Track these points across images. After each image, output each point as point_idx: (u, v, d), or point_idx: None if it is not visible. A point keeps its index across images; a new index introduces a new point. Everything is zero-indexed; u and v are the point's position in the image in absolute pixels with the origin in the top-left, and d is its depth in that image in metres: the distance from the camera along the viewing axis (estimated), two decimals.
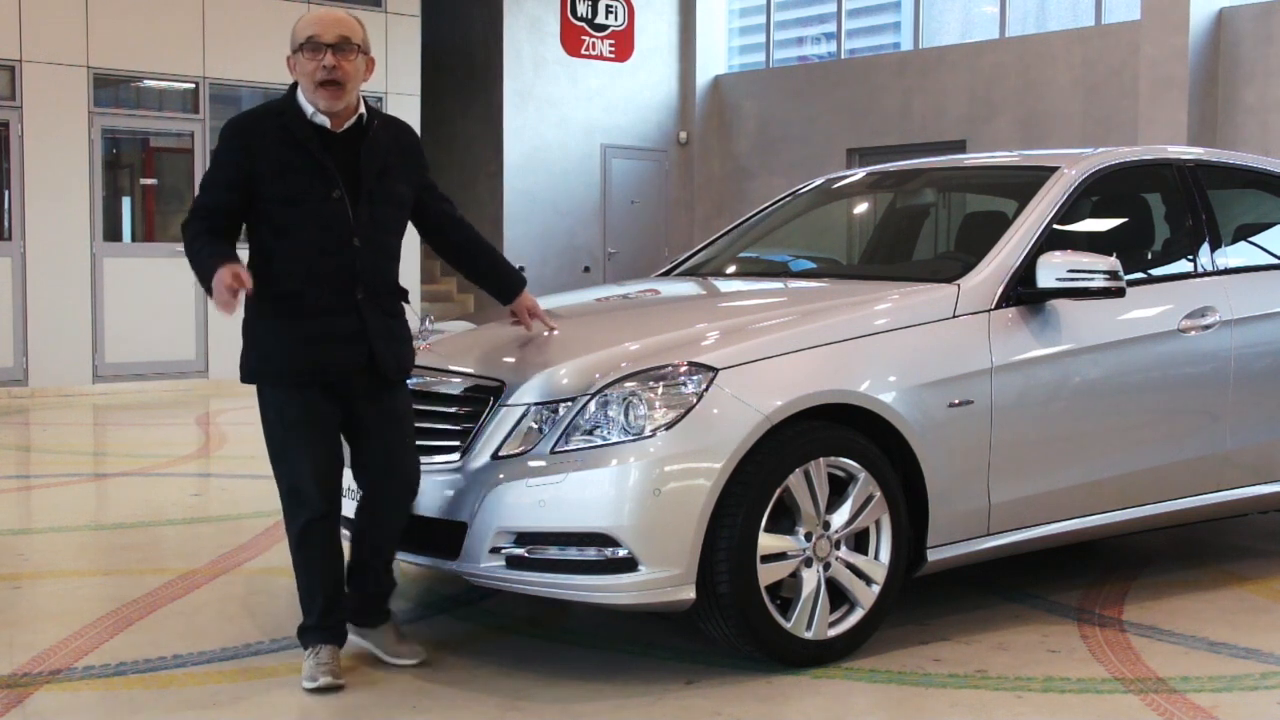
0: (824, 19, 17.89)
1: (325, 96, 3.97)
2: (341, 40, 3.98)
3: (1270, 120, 13.05)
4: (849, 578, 4.26)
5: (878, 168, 6.37)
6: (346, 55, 3.98)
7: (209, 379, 13.53)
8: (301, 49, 4.00)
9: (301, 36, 4.00)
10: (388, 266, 4.13)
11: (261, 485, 7.66)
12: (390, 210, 4.11)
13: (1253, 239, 5.89)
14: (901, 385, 4.37)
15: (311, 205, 3.98)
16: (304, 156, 3.98)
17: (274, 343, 4.03)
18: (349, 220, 3.99)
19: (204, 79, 13.60)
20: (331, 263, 3.99)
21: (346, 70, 3.97)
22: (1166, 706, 3.92)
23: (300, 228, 3.99)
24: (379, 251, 4.07)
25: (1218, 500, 5.32)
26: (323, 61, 3.94)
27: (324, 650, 4.08)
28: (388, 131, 4.15)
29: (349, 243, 3.99)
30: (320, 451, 4.05)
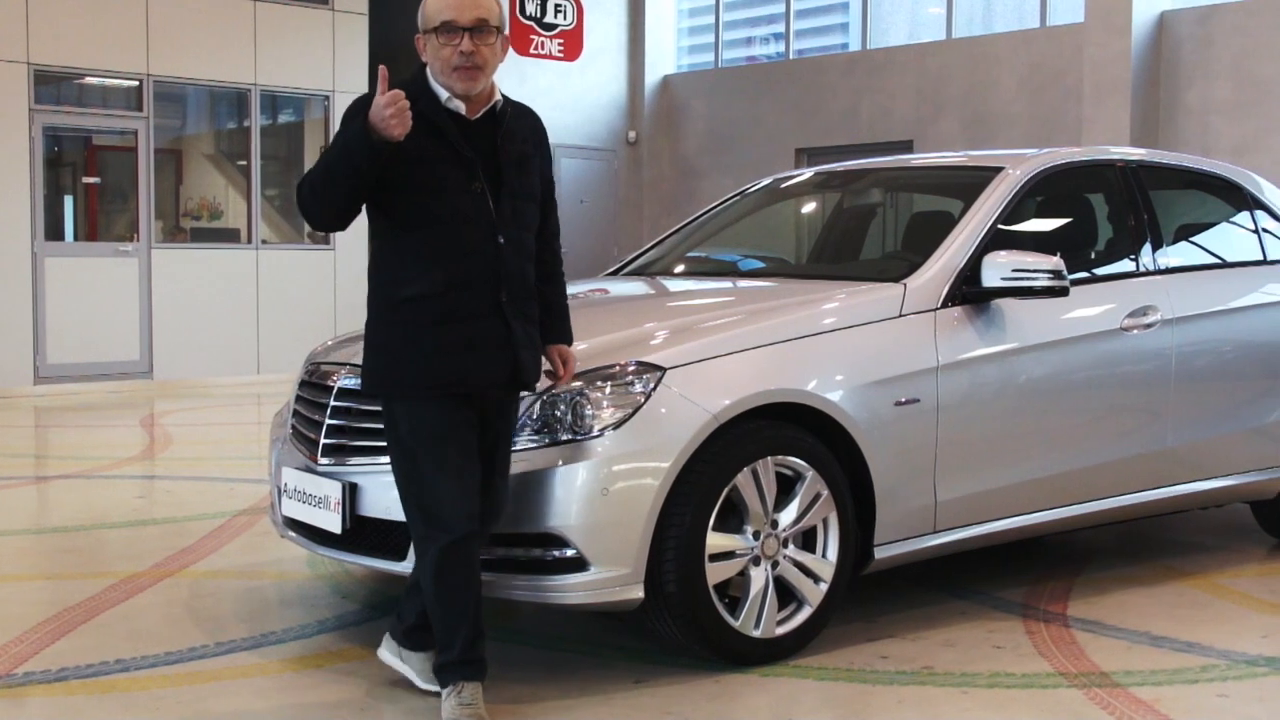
0: (773, 19, 17.94)
1: (462, 80, 3.64)
2: (479, 23, 3.62)
3: (1210, 122, 13.21)
4: (797, 576, 4.28)
5: (825, 167, 6.40)
6: (484, 38, 3.63)
7: (153, 380, 13.42)
8: (435, 32, 3.64)
9: (436, 19, 3.64)
10: (528, 267, 3.80)
11: (207, 487, 7.61)
12: (529, 205, 3.80)
13: (1193, 239, 5.96)
14: (848, 384, 4.39)
15: (450, 198, 3.65)
16: (441, 144, 3.65)
17: (408, 351, 3.66)
18: (491, 215, 3.67)
19: (148, 76, 13.48)
20: (475, 262, 3.65)
21: (485, 55, 3.63)
22: (1109, 700, 3.96)
23: (438, 223, 3.64)
24: (521, 250, 3.76)
25: (1160, 496, 5.38)
26: (460, 46, 3.61)
27: (467, 689, 3.71)
28: (522, 121, 3.84)
29: (493, 240, 3.67)
30: (461, 470, 3.67)
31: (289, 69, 14.42)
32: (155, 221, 13.69)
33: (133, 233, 13.58)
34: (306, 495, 4.40)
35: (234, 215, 14.76)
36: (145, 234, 13.51)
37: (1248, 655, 4.42)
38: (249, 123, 14.36)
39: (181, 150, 15.18)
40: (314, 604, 5.05)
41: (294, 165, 15.62)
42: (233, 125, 15.19)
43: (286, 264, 14.56)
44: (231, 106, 14.93)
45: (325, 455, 4.35)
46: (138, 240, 13.50)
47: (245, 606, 5.04)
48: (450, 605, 3.71)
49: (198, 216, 14.79)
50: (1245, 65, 13.00)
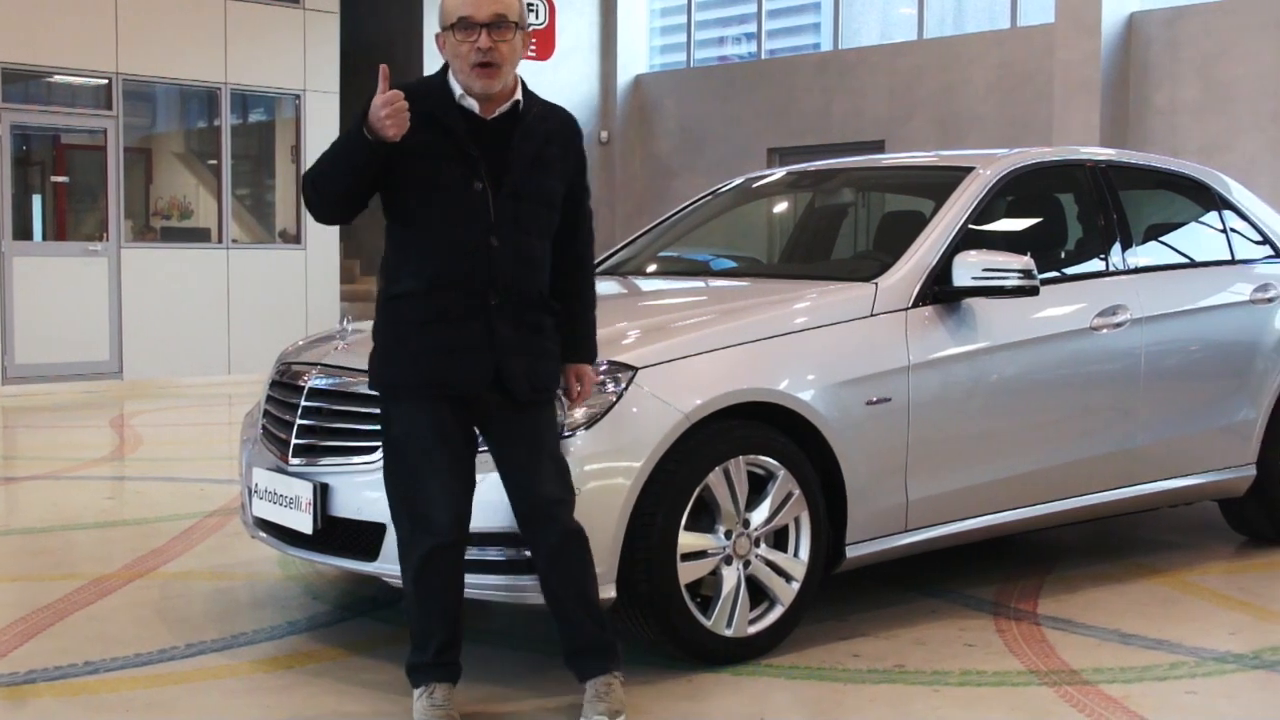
0: (744, 19, 17.96)
1: (480, 79, 3.58)
2: (497, 18, 3.56)
3: (1178, 122, 13.29)
4: (769, 575, 4.28)
5: (797, 167, 6.42)
6: (503, 34, 3.57)
7: (123, 380, 13.34)
8: (453, 28, 3.59)
9: (453, 15, 3.58)
10: (528, 272, 3.65)
11: (177, 488, 7.58)
12: (537, 209, 3.66)
13: (1162, 238, 6.00)
14: (820, 383, 4.39)
15: (449, 196, 3.59)
16: (448, 141, 3.60)
17: (396, 350, 3.64)
18: (489, 217, 3.59)
19: (118, 75, 13.40)
20: (464, 263, 3.58)
21: (503, 52, 3.57)
22: (1079, 698, 3.98)
23: (434, 221, 3.60)
24: (519, 254, 3.62)
25: (1130, 495, 5.41)
26: (477, 43, 3.55)
27: (438, 690, 3.70)
28: (547, 121, 3.71)
29: (486, 242, 3.59)
30: (450, 472, 3.63)
31: (260, 68, 14.36)
32: (125, 221, 13.62)
33: (102, 232, 13.51)
34: (277, 496, 4.38)
35: (204, 215, 14.69)
36: (115, 233, 13.44)
37: (1216, 652, 4.45)
38: (219, 122, 14.30)
39: (151, 149, 15.10)
40: (285, 605, 5.03)
41: (265, 165, 15.56)
42: (203, 124, 15.12)
43: (257, 264, 14.50)
44: (202, 105, 14.87)
45: (296, 456, 4.34)
46: (107, 239, 13.43)
47: (216, 608, 5.02)
48: (427, 608, 3.70)
49: (168, 216, 14.72)
50: (1213, 66, 13.08)
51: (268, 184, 15.56)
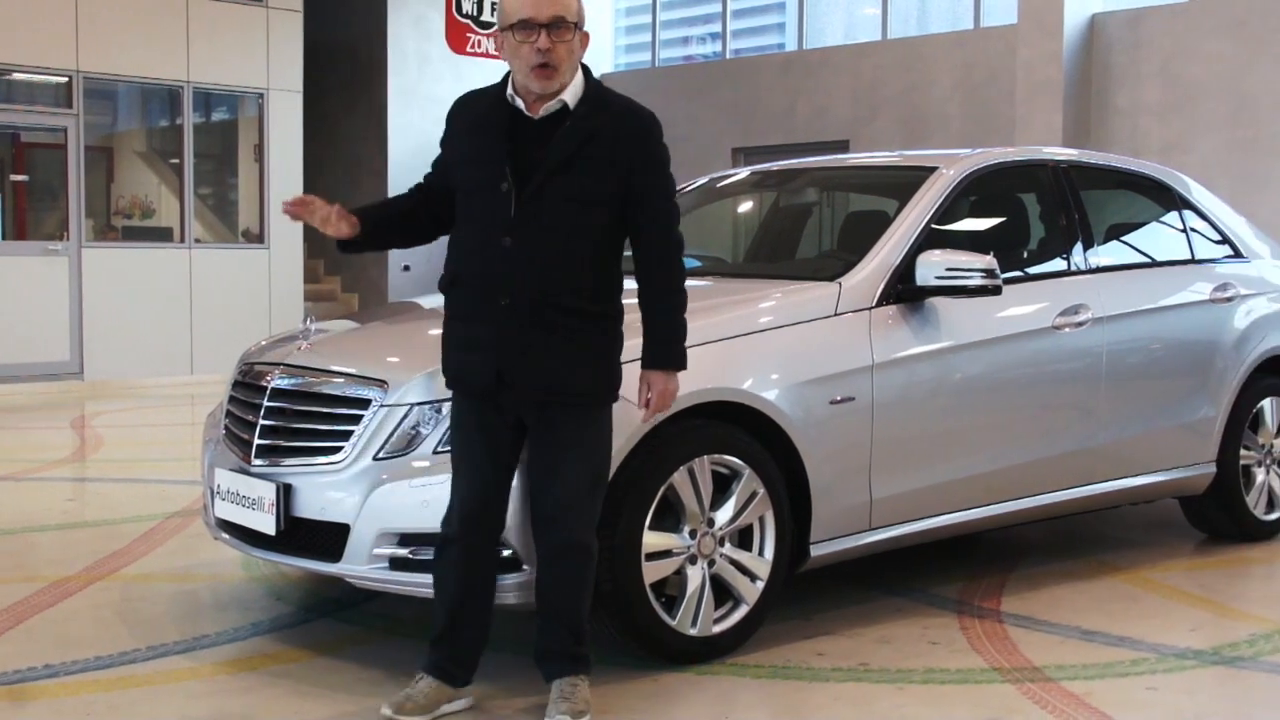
0: (709, 19, 17.98)
1: (538, 79, 3.59)
2: (556, 19, 3.57)
3: (1140, 123, 13.37)
4: (733, 574, 4.29)
5: (762, 167, 6.43)
6: (562, 35, 3.58)
7: (84, 381, 13.24)
8: (513, 29, 3.60)
9: (513, 16, 3.59)
10: (549, 273, 3.60)
11: (139, 489, 7.53)
12: (566, 208, 3.61)
13: (1123, 238, 6.04)
14: (784, 383, 4.40)
15: (481, 197, 3.67)
16: (490, 142, 3.68)
17: (442, 344, 3.81)
18: (509, 216, 3.61)
19: (78, 73, 13.30)
20: (478, 263, 3.66)
21: (561, 53, 3.58)
22: (1041, 694, 4.00)
23: (467, 221, 3.73)
24: (536, 255, 3.60)
25: (1091, 492, 5.45)
26: (537, 44, 3.56)
27: (422, 681, 3.79)
28: (598, 118, 3.66)
29: (499, 242, 3.61)
30: (471, 467, 3.71)
31: (223, 66, 14.28)
32: (86, 220, 13.51)
33: (62, 231, 13.40)
34: (240, 497, 4.36)
35: (167, 214, 14.60)
36: (75, 233, 13.34)
37: (1177, 648, 4.49)
38: (182, 120, 14.20)
39: (113, 148, 15.00)
40: (248, 606, 5.00)
41: (228, 164, 15.48)
42: (165, 123, 15.03)
43: (220, 263, 14.42)
44: (164, 104, 14.77)
45: (259, 456, 4.32)
46: (68, 239, 13.32)
47: (178, 610, 4.99)
48: (435, 593, 3.84)
49: (129, 215, 14.62)
50: (1173, 67, 13.17)
51: (231, 183, 15.48)
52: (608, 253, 3.70)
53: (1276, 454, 6.15)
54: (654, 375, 3.73)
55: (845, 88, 15.91)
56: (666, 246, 3.74)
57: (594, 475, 3.72)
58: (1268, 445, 6.10)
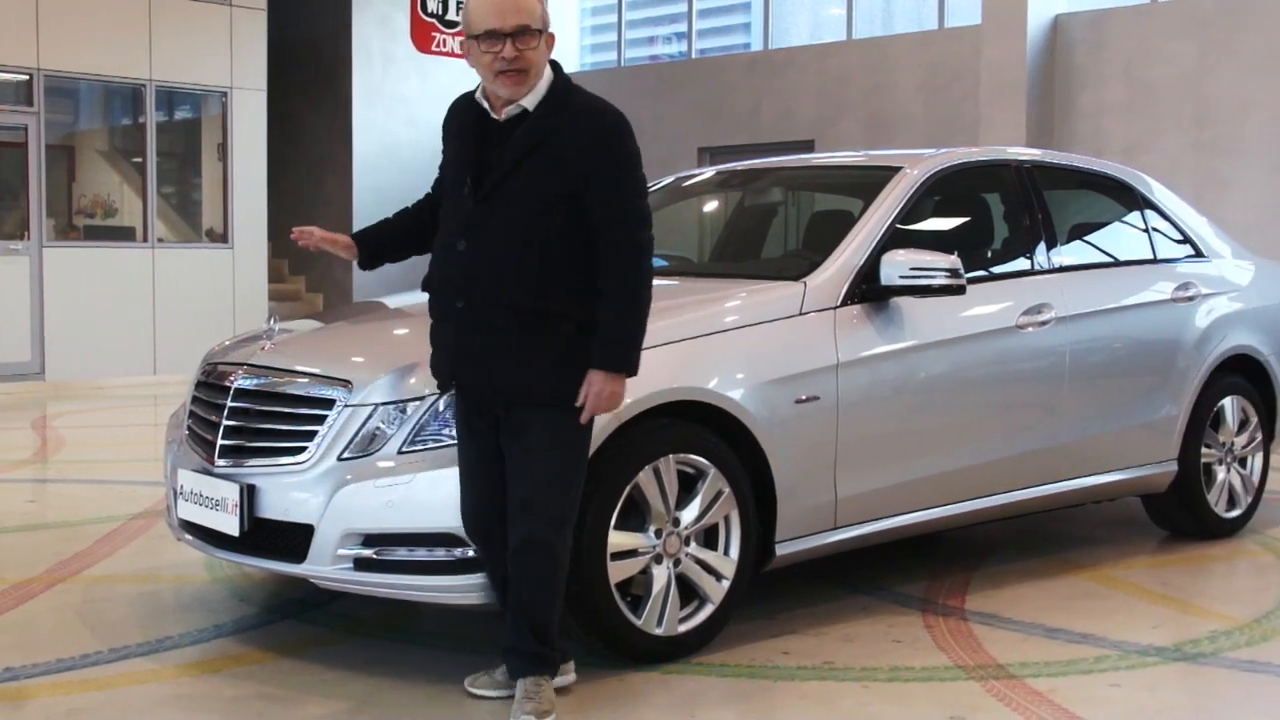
0: (675, 19, 17.99)
1: (506, 84, 3.62)
2: (520, 28, 3.58)
3: (1103, 123, 13.46)
4: (699, 573, 4.29)
5: (727, 166, 6.43)
6: (527, 42, 3.60)
7: (46, 381, 13.14)
8: (478, 39, 3.62)
9: (478, 27, 3.61)
10: (501, 277, 3.62)
11: (101, 490, 7.49)
12: (517, 210, 3.62)
13: (1086, 238, 6.08)
14: (749, 382, 4.41)
15: (450, 200, 3.78)
16: (461, 145, 3.76)
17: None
18: (464, 220, 3.67)
19: (39, 70, 13.19)
20: (441, 267, 3.76)
21: (529, 58, 3.60)
22: (1005, 692, 4.02)
23: (441, 223, 3.84)
24: (488, 259, 3.63)
25: (1055, 491, 5.48)
26: (501, 53, 3.59)
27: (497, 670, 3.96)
28: (555, 119, 3.66)
29: (454, 246, 3.68)
30: (470, 472, 3.81)
31: (186, 65, 14.19)
32: (47, 220, 13.41)
33: (23, 231, 13.29)
34: (203, 498, 4.34)
35: (129, 213, 14.51)
36: (36, 232, 13.24)
37: (1139, 645, 4.52)
38: (144, 119, 14.12)
39: (74, 146, 14.89)
40: (212, 608, 4.98)
41: (191, 162, 15.39)
42: (128, 121, 14.92)
43: (184, 263, 14.33)
44: (126, 102, 14.67)
45: (222, 457, 4.30)
46: (28, 238, 13.22)
47: (141, 611, 4.96)
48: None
49: (91, 214, 14.51)
50: (1136, 68, 13.26)
51: (194, 182, 15.39)
52: (568, 253, 3.65)
53: (1237, 452, 6.20)
54: (593, 375, 3.64)
55: (811, 88, 15.95)
56: (621, 247, 3.64)
57: (558, 474, 3.70)
58: (1228, 443, 6.15)
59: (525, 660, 3.78)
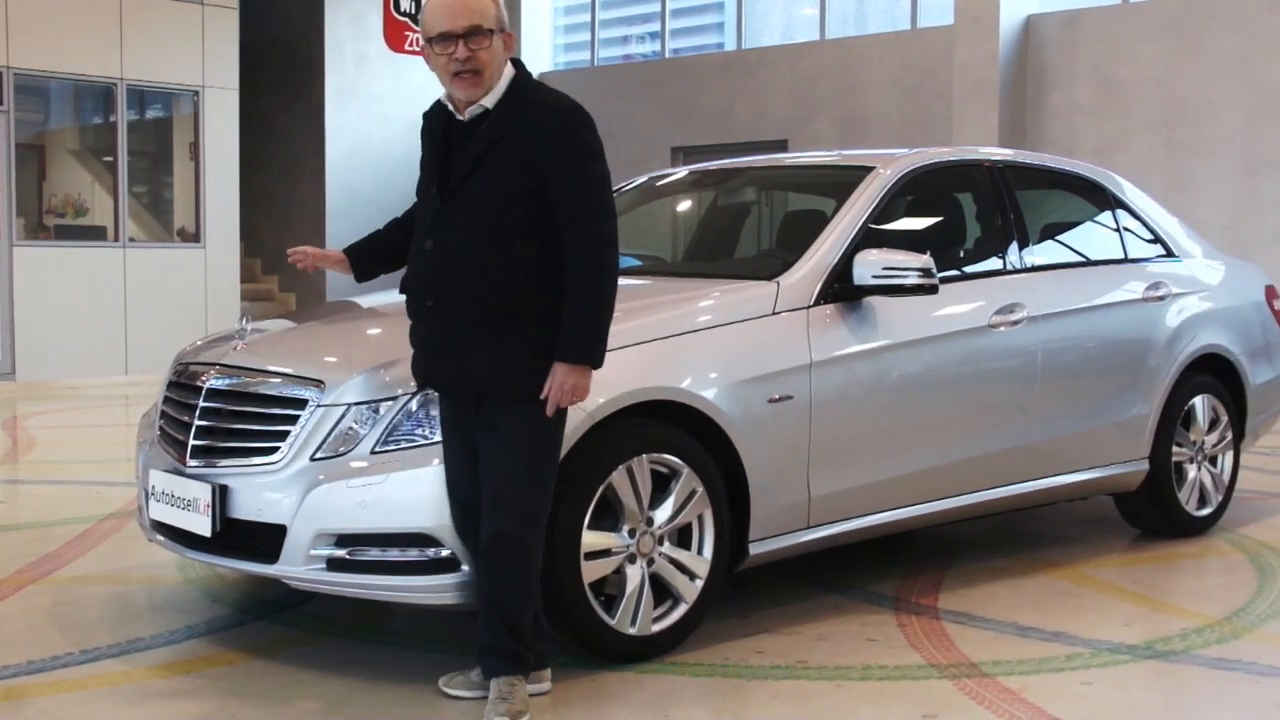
0: (648, 18, 17.99)
1: (462, 86, 3.69)
2: (472, 28, 3.64)
3: (1075, 123, 13.52)
4: (672, 573, 4.29)
5: (700, 166, 6.44)
6: (479, 42, 3.65)
7: (16, 381, 13.07)
8: (432, 42, 3.70)
9: (432, 30, 3.69)
10: (467, 274, 3.65)
11: (72, 491, 7.45)
12: (480, 208, 3.66)
13: (1058, 238, 6.10)
14: (723, 381, 4.41)
15: (421, 202, 3.87)
16: (431, 149, 3.84)
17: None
18: (431, 219, 3.75)
19: (8, 68, 13.10)
20: (413, 267, 3.83)
21: (482, 58, 3.66)
22: (978, 690, 4.04)
23: (415, 228, 3.89)
24: (455, 256, 3.67)
25: (1027, 490, 5.50)
26: (455, 54, 3.65)
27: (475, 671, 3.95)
28: (513, 115, 3.70)
29: (423, 245, 3.76)
30: (451, 469, 3.87)
31: (157, 63, 14.13)
32: (17, 219, 13.33)
33: None
34: (175, 498, 4.32)
35: (100, 213, 14.43)
36: (6, 231, 13.16)
37: (1111, 643, 4.54)
38: (115, 118, 14.04)
39: (45, 145, 14.81)
40: (184, 609, 4.95)
41: (163, 162, 15.32)
42: (99, 120, 14.85)
43: (155, 262, 14.27)
44: (97, 101, 14.60)
45: (194, 457, 4.28)
46: None
47: (112, 613, 4.93)
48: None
49: (62, 214, 14.43)
50: (1107, 69, 13.33)
51: (166, 181, 15.32)
52: (534, 248, 3.66)
53: (1208, 451, 6.24)
54: (557, 367, 3.65)
55: (784, 87, 15.97)
56: (583, 239, 3.65)
57: (528, 469, 3.70)
58: (1199, 442, 6.19)
59: (499, 659, 3.77)
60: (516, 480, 3.69)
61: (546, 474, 3.76)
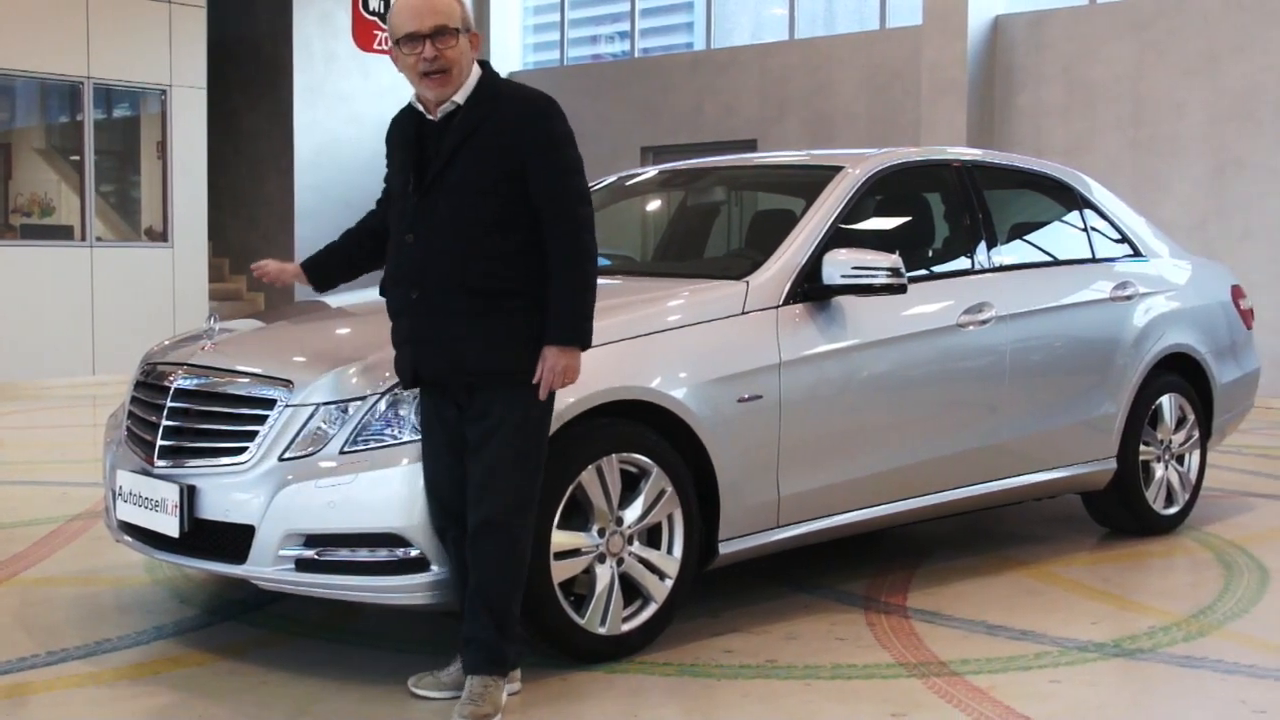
0: (617, 18, 17.98)
1: (432, 86, 3.75)
2: (438, 28, 3.70)
3: (1042, 124, 13.57)
4: (642, 573, 4.29)
5: (669, 165, 6.44)
6: (446, 42, 3.71)
7: None
8: (400, 44, 3.76)
9: (399, 31, 3.75)
10: (449, 264, 3.71)
11: (39, 491, 7.40)
12: (457, 200, 3.73)
13: (1026, 237, 6.13)
14: (692, 381, 4.42)
15: (395, 201, 3.91)
16: (403, 151, 3.88)
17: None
18: (409, 214, 3.79)
19: None
20: (393, 262, 3.87)
21: (449, 57, 3.72)
22: (946, 689, 4.05)
23: (390, 228, 3.94)
24: (436, 247, 3.73)
25: (996, 489, 5.52)
26: (422, 54, 3.71)
27: (455, 662, 3.95)
28: (485, 108, 3.76)
29: (403, 240, 3.80)
30: (429, 456, 3.87)
31: (124, 62, 14.02)
32: None
33: None
34: (143, 499, 4.30)
35: (67, 212, 14.33)
36: None
37: (1079, 641, 4.56)
38: (82, 117, 13.95)
39: (10, 144, 14.69)
40: (151, 610, 4.93)
41: (130, 160, 15.22)
42: (65, 119, 14.74)
43: (123, 262, 14.17)
44: (64, 100, 14.49)
45: (162, 457, 4.26)
46: None
47: (79, 614, 4.90)
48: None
49: (28, 213, 14.32)
50: (1075, 69, 13.39)
51: (133, 180, 15.22)
52: (514, 235, 3.73)
53: (1175, 450, 6.28)
54: (547, 350, 3.72)
55: (753, 87, 15.99)
56: (562, 224, 3.73)
57: (516, 455, 3.73)
58: (1166, 441, 6.23)
59: (479, 653, 3.77)
60: (506, 466, 3.72)
61: (536, 459, 3.79)
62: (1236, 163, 12.35)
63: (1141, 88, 12.96)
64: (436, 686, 3.94)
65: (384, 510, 3.92)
